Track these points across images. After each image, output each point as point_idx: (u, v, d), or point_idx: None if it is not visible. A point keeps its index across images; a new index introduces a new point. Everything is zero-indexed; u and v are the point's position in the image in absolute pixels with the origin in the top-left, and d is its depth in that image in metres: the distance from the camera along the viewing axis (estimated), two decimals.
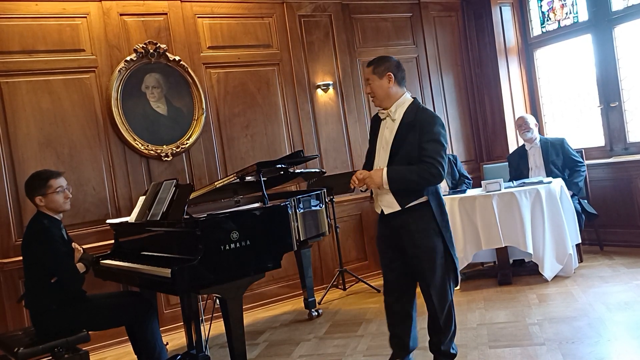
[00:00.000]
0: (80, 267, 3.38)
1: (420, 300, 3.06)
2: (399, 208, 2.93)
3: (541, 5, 6.23)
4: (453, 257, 2.98)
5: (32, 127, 4.42)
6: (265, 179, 3.77)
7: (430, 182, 2.85)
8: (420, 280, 3.01)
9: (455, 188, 5.26)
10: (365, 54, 5.93)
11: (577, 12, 5.84)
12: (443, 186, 5.02)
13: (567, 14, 5.94)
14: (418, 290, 3.08)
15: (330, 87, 5.62)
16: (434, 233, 2.92)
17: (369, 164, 3.08)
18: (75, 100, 4.59)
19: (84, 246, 4.37)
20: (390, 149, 2.93)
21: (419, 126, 2.88)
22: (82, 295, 3.41)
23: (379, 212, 3.06)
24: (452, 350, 3.08)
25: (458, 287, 4.75)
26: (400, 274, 3.05)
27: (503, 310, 4.05)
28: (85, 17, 4.65)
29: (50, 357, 3.16)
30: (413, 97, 3.04)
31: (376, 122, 3.10)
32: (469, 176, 5.55)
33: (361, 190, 3.07)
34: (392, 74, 2.95)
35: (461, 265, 4.75)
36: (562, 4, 5.97)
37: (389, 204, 2.96)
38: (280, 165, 3.90)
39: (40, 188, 3.31)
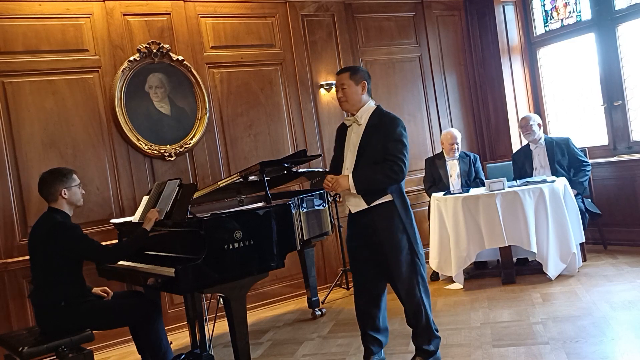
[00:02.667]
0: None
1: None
2: (366, 206, 3.12)
3: (544, 4, 6.22)
4: (418, 253, 3.13)
5: (35, 127, 4.44)
6: (268, 178, 3.78)
7: (393, 179, 3.06)
8: (388, 276, 3.18)
9: (468, 186, 5.22)
10: (368, 53, 5.94)
11: (580, 11, 5.83)
12: (456, 185, 4.99)
13: (570, 12, 5.93)
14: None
15: (333, 87, 5.62)
16: (399, 230, 3.10)
17: (337, 170, 3.24)
18: (79, 100, 4.60)
19: None
20: (357, 151, 3.13)
21: (383, 128, 3.09)
22: (87, 294, 3.42)
23: (348, 213, 3.25)
24: (426, 347, 3.17)
25: (462, 287, 4.79)
26: (371, 274, 3.21)
27: (507, 310, 4.04)
28: (89, 17, 4.66)
29: (55, 357, 3.17)
30: (377, 104, 3.23)
31: (342, 130, 3.29)
32: (485, 180, 5.51)
33: (332, 197, 3.28)
34: (365, 83, 3.19)
35: (464, 264, 4.76)
36: (565, 3, 5.96)
37: (355, 203, 3.16)
38: (283, 165, 3.90)
39: (66, 181, 3.38)
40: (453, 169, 5.28)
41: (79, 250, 3.27)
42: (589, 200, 5.18)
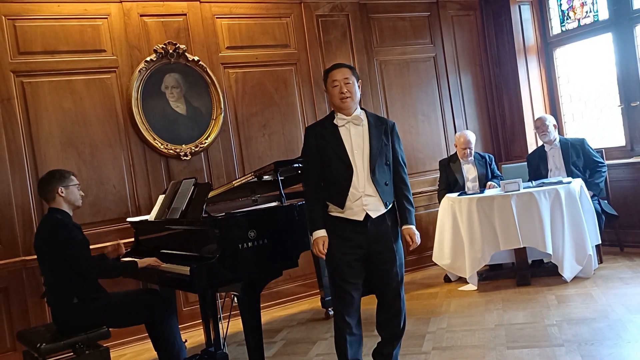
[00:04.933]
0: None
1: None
2: (384, 210, 2.96)
3: (561, 4, 6.17)
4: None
5: (54, 126, 4.50)
6: (282, 178, 3.79)
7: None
8: (386, 286, 3.02)
9: (484, 187, 5.19)
10: (383, 53, 5.93)
11: (597, 11, 5.77)
12: (473, 189, 4.96)
13: (587, 12, 5.88)
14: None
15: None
16: (399, 235, 3.06)
17: (341, 177, 2.92)
18: (97, 100, 4.66)
19: (104, 244, 4.45)
20: (370, 153, 2.94)
21: (389, 129, 3.04)
22: (101, 290, 3.46)
23: (356, 219, 2.92)
24: (396, 352, 3.14)
25: (476, 288, 4.77)
26: (360, 292, 3.02)
27: (521, 311, 4.02)
28: (106, 17, 4.71)
29: (72, 353, 3.21)
30: (362, 108, 3.11)
31: (324, 132, 2.98)
32: (501, 175, 5.49)
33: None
34: (360, 82, 3.08)
35: (479, 265, 4.74)
36: (582, 3, 5.91)
37: (375, 207, 2.93)
38: (297, 165, 3.92)
39: (64, 179, 3.43)
40: (470, 172, 5.24)
41: (70, 254, 3.28)
42: (605, 201, 5.13)
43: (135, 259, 3.50)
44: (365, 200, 2.92)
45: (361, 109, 3.07)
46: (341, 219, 2.96)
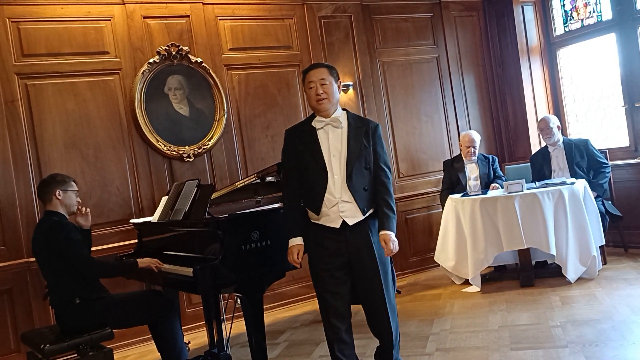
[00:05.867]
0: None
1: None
2: (362, 217, 2.82)
3: (564, 4, 6.16)
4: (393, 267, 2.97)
5: (57, 128, 4.51)
6: None
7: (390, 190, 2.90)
8: (369, 297, 2.88)
9: (488, 187, 5.19)
10: (386, 54, 5.93)
11: (600, 11, 5.76)
12: (474, 188, 4.95)
13: (590, 12, 5.87)
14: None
15: (350, 88, 5.63)
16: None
17: (317, 182, 2.82)
18: (100, 102, 4.67)
19: (108, 245, 4.47)
20: (347, 157, 2.82)
21: (371, 131, 2.89)
22: (102, 291, 3.47)
23: (332, 226, 2.82)
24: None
25: (479, 289, 4.76)
26: (346, 300, 2.89)
27: (525, 313, 4.01)
28: (110, 20, 4.73)
29: (76, 354, 3.22)
30: (344, 109, 3.00)
31: (302, 134, 2.90)
32: (503, 176, 5.49)
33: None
34: (340, 82, 2.99)
35: (482, 267, 4.73)
36: (586, 3, 5.89)
37: (352, 214, 2.81)
38: None
39: (63, 183, 3.46)
40: (472, 171, 5.23)
41: (69, 254, 3.29)
42: (610, 202, 5.11)
43: (136, 259, 3.50)
44: (342, 207, 2.80)
45: (343, 109, 2.97)
46: (319, 226, 2.85)
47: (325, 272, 2.85)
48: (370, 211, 2.87)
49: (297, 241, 2.86)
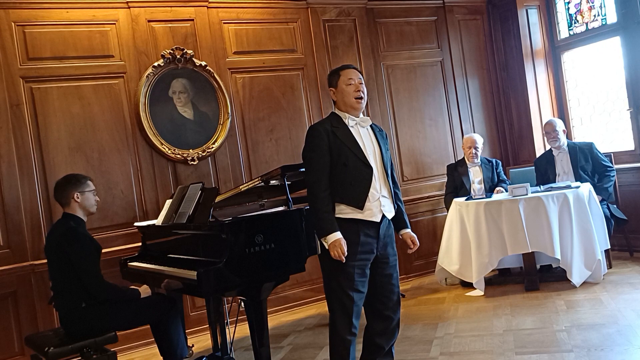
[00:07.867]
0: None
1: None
2: (394, 212, 3.03)
3: (568, 8, 6.15)
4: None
5: (62, 131, 4.53)
6: (289, 182, 3.78)
7: None
8: (389, 293, 2.99)
9: (492, 191, 5.18)
10: (390, 58, 5.93)
11: (605, 14, 5.75)
12: (478, 192, 4.94)
13: (595, 16, 5.85)
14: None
15: None
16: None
17: (361, 177, 2.85)
18: (105, 105, 4.69)
19: (112, 248, 4.48)
20: (381, 154, 2.98)
21: (385, 134, 3.10)
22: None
23: (373, 220, 2.87)
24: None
25: (483, 293, 4.74)
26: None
27: (530, 317, 4.00)
28: (114, 23, 4.75)
29: (79, 357, 3.22)
30: None
31: (337, 131, 2.89)
32: (507, 179, 5.48)
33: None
34: None
35: (486, 270, 4.71)
36: (590, 6, 5.88)
37: (390, 209, 2.99)
38: (304, 169, 3.90)
39: (80, 185, 3.45)
40: (476, 175, 5.23)
41: (80, 269, 3.29)
42: (615, 205, 5.10)
43: (138, 289, 3.53)
44: (383, 202, 2.92)
45: None
46: (354, 221, 2.85)
47: (358, 269, 2.85)
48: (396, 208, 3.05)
49: (339, 235, 2.79)
